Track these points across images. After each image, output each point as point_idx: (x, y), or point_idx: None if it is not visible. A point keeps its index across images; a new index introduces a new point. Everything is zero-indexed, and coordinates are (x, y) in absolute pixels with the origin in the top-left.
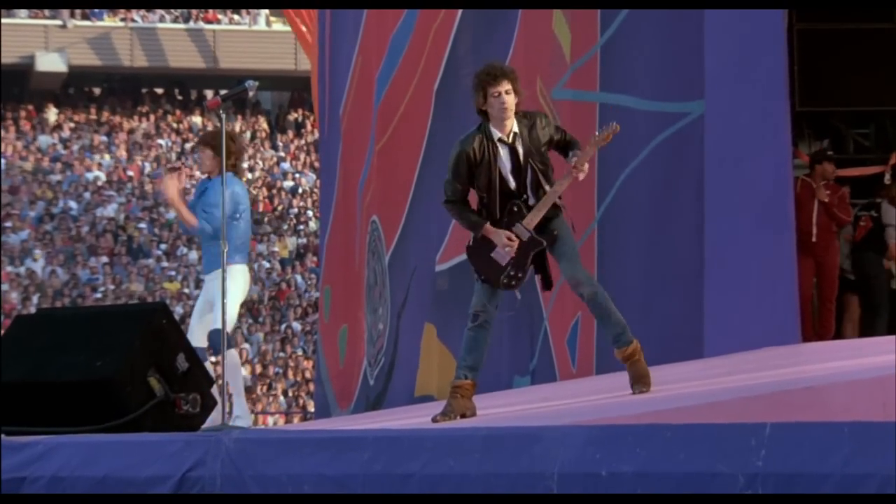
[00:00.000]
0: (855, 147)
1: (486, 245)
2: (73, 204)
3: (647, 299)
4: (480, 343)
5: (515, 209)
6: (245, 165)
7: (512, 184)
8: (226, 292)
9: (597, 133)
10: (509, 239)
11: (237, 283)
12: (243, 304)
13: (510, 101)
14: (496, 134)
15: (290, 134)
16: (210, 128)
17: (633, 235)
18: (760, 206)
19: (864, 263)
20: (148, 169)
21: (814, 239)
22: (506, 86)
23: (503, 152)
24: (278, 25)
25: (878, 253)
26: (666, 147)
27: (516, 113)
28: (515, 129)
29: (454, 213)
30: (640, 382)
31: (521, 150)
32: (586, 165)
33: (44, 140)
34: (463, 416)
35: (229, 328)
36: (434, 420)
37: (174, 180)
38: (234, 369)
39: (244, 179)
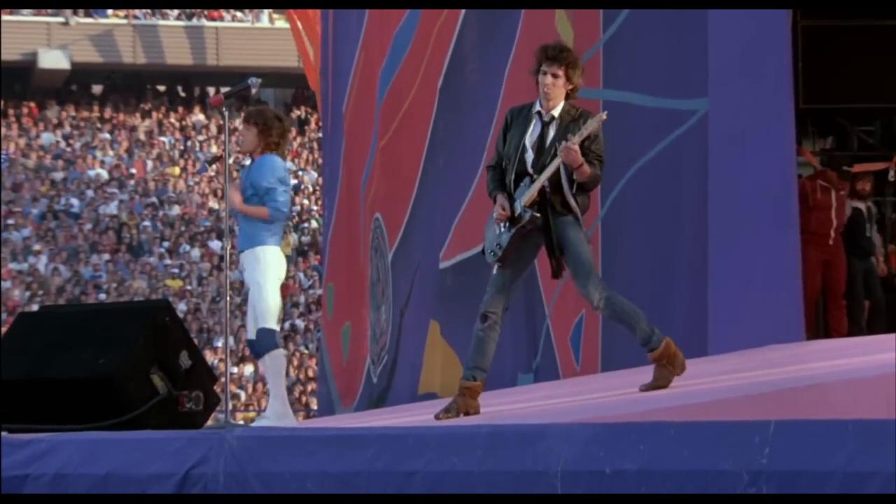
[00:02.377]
0: (859, 144)
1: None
2: (75, 201)
3: (651, 297)
4: (489, 344)
5: (522, 184)
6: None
7: (529, 158)
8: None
9: (591, 118)
10: (502, 209)
11: (272, 266)
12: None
13: (553, 84)
14: (537, 106)
15: (293, 131)
16: (213, 125)
17: (636, 233)
18: (764, 204)
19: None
20: (151, 166)
21: (831, 242)
22: (555, 69)
23: (535, 127)
24: (281, 23)
25: None
26: (669, 144)
27: (572, 104)
28: (557, 113)
29: (487, 178)
30: (658, 379)
31: (551, 134)
32: (572, 149)
33: (46, 137)
34: (466, 413)
35: (274, 315)
36: (437, 417)
37: (236, 192)
38: (274, 368)
39: None
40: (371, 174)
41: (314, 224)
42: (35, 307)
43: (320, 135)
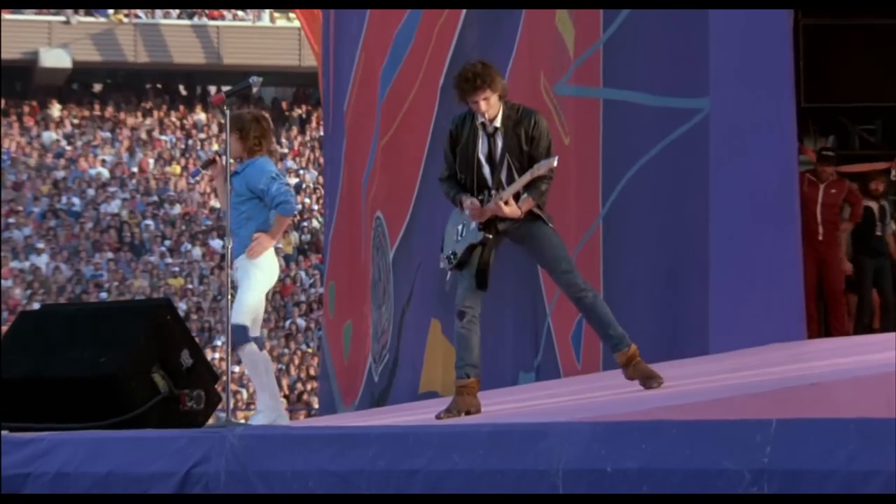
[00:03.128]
0: (861, 143)
1: (455, 218)
2: (76, 200)
3: (652, 296)
4: (473, 339)
5: (484, 200)
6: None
7: (487, 173)
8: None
9: (537, 164)
10: (472, 203)
11: (264, 271)
12: None
13: (486, 106)
14: (479, 118)
15: (294, 130)
16: (214, 124)
17: (638, 232)
18: (766, 203)
19: None
20: (152, 165)
21: (820, 237)
22: (476, 97)
23: (483, 139)
24: (282, 21)
25: None
26: (671, 143)
27: (507, 104)
28: (498, 122)
29: (443, 189)
30: (652, 378)
31: (499, 144)
32: (510, 200)
33: (47, 136)
34: (468, 412)
35: (249, 313)
36: (438, 417)
37: (266, 238)
38: (251, 363)
39: None
40: (372, 173)
41: (315, 223)
42: (36, 306)
43: (321, 133)
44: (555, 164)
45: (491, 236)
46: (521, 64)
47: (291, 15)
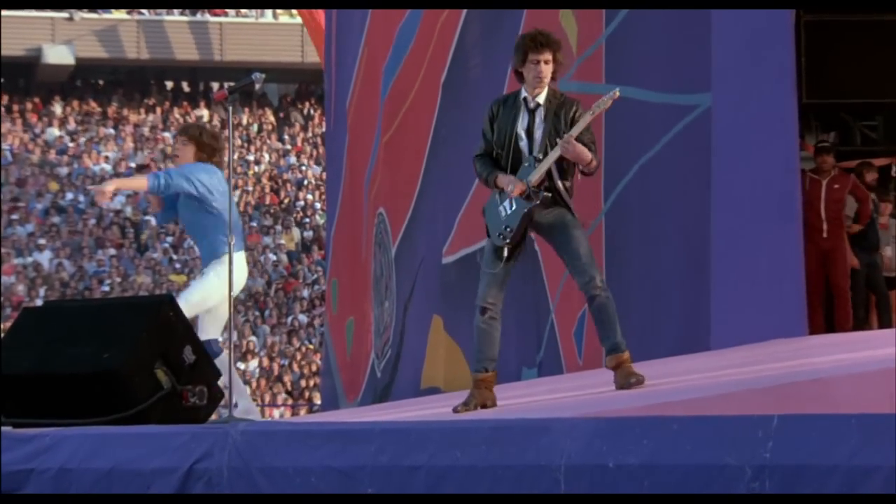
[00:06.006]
0: (862, 139)
1: (494, 202)
2: (79, 196)
3: (654, 292)
4: (494, 334)
5: (522, 167)
6: (251, 158)
7: (524, 146)
8: (231, 283)
9: (598, 102)
10: (516, 184)
11: (220, 276)
12: (250, 297)
13: (546, 70)
14: (523, 93)
15: (297, 126)
16: (216, 120)
17: (640, 228)
18: (767, 199)
19: None
20: (157, 161)
21: (825, 234)
22: (546, 55)
23: (524, 115)
24: (285, 18)
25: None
26: (673, 139)
27: (553, 89)
28: (542, 99)
29: (476, 167)
30: (633, 376)
31: (538, 120)
32: (574, 141)
33: (50, 132)
34: (483, 406)
35: (193, 308)
36: (455, 410)
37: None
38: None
39: (251, 172)
40: (374, 169)
41: (318, 219)
42: (39, 302)
43: (324, 129)
44: (618, 93)
45: (538, 202)
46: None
47: (294, 11)
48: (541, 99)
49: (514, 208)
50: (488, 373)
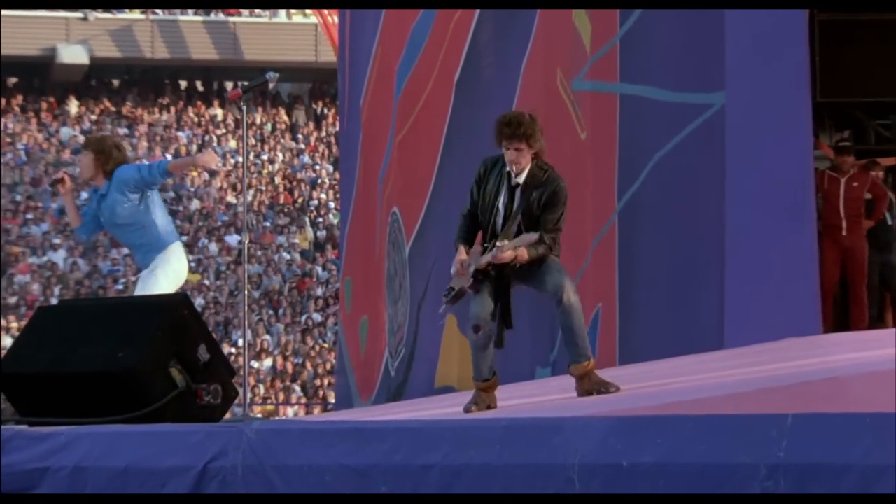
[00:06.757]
0: (876, 138)
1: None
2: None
3: (668, 290)
4: (489, 349)
5: (486, 246)
6: (265, 157)
7: (500, 222)
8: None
9: (520, 237)
10: (460, 265)
11: (172, 263)
12: (264, 296)
13: (518, 157)
14: (507, 167)
15: (311, 125)
16: (231, 119)
17: (654, 227)
18: (781, 197)
19: None
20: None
21: (844, 232)
22: (516, 144)
23: (505, 189)
24: (298, 17)
25: None
26: (687, 138)
27: (539, 163)
28: (522, 179)
29: (456, 226)
30: (608, 385)
31: (517, 200)
32: (501, 254)
33: (65, 132)
34: (489, 407)
35: None
36: (467, 410)
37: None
38: None
39: (265, 171)
40: (388, 168)
41: (332, 218)
42: (54, 301)
43: (337, 129)
44: (535, 239)
45: (471, 291)
46: (536, 59)
47: (308, 11)
48: (521, 178)
49: (452, 281)
50: (489, 380)
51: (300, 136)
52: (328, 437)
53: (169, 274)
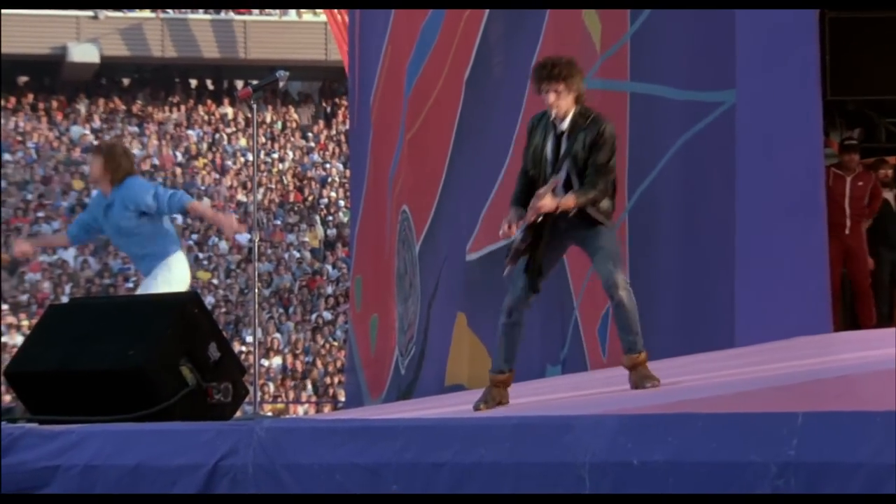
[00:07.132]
0: (887, 136)
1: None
2: None
3: (678, 289)
4: (516, 338)
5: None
6: (276, 155)
7: (549, 170)
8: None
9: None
10: (507, 226)
11: (175, 272)
12: (274, 294)
13: (557, 100)
14: (551, 115)
15: (321, 123)
16: (241, 118)
17: (664, 225)
18: (792, 196)
19: None
20: (180, 158)
21: (847, 231)
22: (555, 86)
23: (552, 138)
24: (308, 16)
25: None
26: (697, 136)
27: (582, 108)
28: (567, 121)
29: (514, 187)
30: (648, 379)
31: (563, 144)
32: (539, 203)
33: (75, 130)
34: (499, 404)
35: None
36: (477, 408)
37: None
38: None
39: (275, 169)
40: (398, 166)
41: (342, 216)
42: (65, 300)
43: (347, 127)
44: (555, 183)
45: (525, 244)
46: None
47: (318, 10)
48: (566, 122)
49: (521, 233)
50: (504, 374)
51: (310, 134)
52: (339, 436)
53: (170, 280)
